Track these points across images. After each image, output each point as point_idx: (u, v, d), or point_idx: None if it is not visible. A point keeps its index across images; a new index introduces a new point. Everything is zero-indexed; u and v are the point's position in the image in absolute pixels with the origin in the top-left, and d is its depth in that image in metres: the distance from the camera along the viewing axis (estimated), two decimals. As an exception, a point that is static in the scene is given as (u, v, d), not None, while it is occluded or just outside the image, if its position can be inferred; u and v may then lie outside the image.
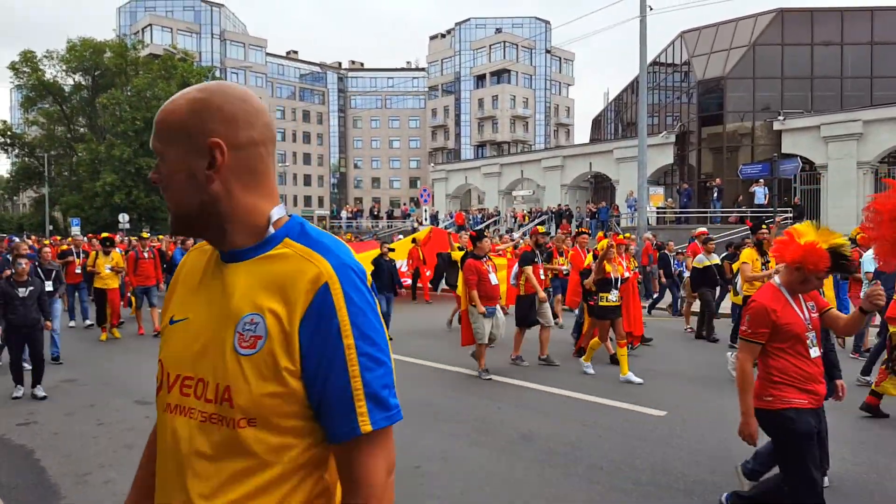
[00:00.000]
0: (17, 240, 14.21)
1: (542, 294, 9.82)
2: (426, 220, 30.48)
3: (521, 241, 14.31)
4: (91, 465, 5.73)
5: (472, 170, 46.62)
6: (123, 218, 37.52)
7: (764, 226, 9.91)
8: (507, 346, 10.19)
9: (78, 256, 14.78)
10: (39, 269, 10.42)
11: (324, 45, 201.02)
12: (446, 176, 47.80)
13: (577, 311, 11.74)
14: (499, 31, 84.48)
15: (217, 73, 54.33)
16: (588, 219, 31.44)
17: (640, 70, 21.88)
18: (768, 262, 9.10)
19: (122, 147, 42.08)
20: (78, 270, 14.56)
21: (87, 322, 14.54)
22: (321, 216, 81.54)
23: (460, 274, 10.45)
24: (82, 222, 40.68)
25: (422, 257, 18.40)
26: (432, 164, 58.14)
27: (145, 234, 15.12)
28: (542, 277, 11.25)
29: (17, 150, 51.83)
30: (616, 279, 9.05)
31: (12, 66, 46.18)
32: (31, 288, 8.36)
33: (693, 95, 34.41)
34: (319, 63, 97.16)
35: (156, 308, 13.39)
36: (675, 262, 14.98)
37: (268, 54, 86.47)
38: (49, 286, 10.30)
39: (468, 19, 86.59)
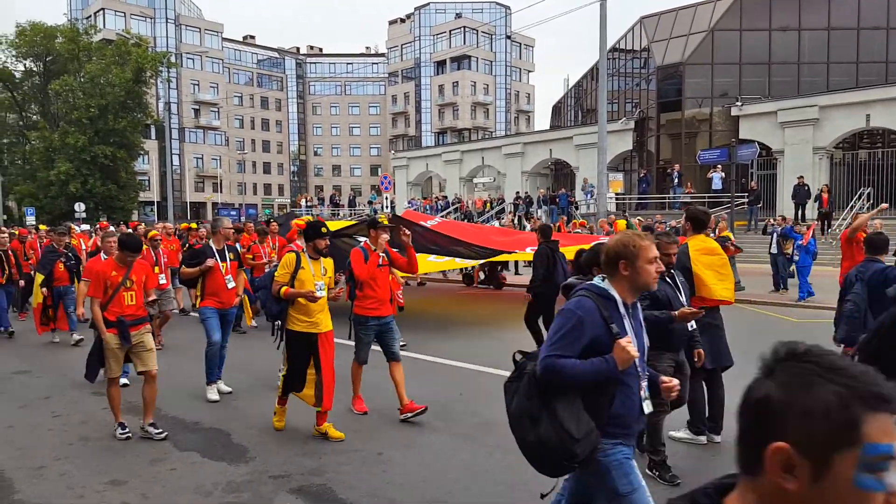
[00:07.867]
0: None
1: None
2: (387, 208, 30.34)
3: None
4: (46, 459, 5.57)
5: (433, 157, 46.47)
6: (79, 207, 36.79)
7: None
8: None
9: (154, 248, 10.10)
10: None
11: (281, 30, 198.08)
12: (407, 163, 47.60)
13: None
14: (459, 16, 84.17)
15: (172, 59, 53.07)
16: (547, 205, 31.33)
17: (600, 54, 21.95)
18: None
19: (77, 135, 41.13)
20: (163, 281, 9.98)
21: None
22: (281, 204, 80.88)
23: None
24: (37, 212, 39.77)
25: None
26: (393, 152, 57.88)
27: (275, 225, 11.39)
28: None
29: (-32, 139, 50.24)
30: None
31: (-42, 52, 44.67)
32: None
33: (652, 81, 34.68)
34: (277, 48, 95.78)
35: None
36: None
37: (224, 39, 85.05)
38: None
39: (427, 3, 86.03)
